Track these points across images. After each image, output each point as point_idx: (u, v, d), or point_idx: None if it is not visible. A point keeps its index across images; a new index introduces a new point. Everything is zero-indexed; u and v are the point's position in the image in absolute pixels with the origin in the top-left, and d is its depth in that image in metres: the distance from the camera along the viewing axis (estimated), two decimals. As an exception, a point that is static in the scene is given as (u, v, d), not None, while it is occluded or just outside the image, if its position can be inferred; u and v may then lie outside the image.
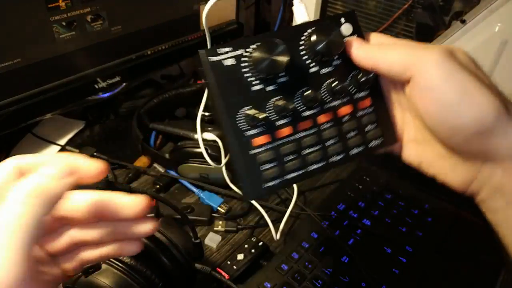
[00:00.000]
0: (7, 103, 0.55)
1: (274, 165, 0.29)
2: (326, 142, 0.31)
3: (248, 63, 0.29)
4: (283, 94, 0.29)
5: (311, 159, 0.30)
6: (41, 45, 0.55)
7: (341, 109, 0.31)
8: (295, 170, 0.30)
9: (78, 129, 0.70)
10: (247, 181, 0.29)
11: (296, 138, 0.30)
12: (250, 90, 0.29)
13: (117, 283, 0.37)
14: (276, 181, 0.29)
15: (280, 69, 0.28)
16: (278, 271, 0.47)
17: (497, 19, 0.69)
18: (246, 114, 0.28)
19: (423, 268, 0.49)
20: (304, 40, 0.30)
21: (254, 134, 0.29)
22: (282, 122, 0.30)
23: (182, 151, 0.57)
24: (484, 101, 0.27)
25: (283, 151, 0.30)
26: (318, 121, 0.31)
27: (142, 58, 0.70)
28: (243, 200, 0.36)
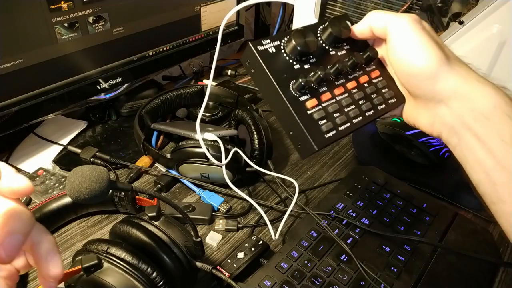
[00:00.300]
0: (10, 103, 0.56)
1: (327, 120, 0.37)
2: (359, 101, 0.40)
3: (285, 50, 0.37)
4: (317, 69, 0.37)
5: (352, 115, 0.39)
6: (44, 46, 0.56)
7: (360, 78, 0.40)
8: (343, 123, 0.38)
9: (80, 129, 0.70)
10: (311, 135, 0.36)
11: (336, 100, 0.38)
12: (293, 68, 0.37)
13: (118, 281, 0.37)
14: (332, 132, 0.37)
15: (313, 47, 0.37)
16: (278, 270, 0.48)
17: (495, 20, 0.70)
18: (299, 82, 0.36)
19: (422, 267, 0.50)
20: (320, 33, 0.40)
21: (305, 100, 0.36)
22: (322, 90, 0.38)
23: (183, 151, 0.57)
24: (433, 53, 0.35)
25: (330, 110, 0.37)
26: (348, 88, 0.39)
27: (143, 59, 0.71)
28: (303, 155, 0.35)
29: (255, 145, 0.60)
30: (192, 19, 0.75)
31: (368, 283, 0.47)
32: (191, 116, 0.74)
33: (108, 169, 0.62)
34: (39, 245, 0.27)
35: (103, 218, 0.56)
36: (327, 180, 0.65)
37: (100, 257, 0.38)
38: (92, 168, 0.32)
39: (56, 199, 0.52)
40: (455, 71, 0.36)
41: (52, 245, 0.28)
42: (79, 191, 0.31)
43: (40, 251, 0.27)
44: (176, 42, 0.75)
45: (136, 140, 0.64)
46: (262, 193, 0.62)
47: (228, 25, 0.84)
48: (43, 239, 0.28)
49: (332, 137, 0.37)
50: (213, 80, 0.87)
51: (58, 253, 0.28)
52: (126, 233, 0.42)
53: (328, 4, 0.91)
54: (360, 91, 0.40)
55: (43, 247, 0.27)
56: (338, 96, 0.39)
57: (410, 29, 0.36)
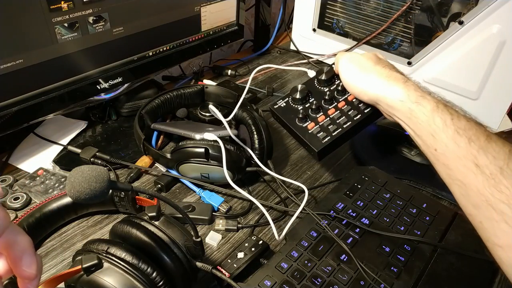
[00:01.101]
0: (10, 103, 0.56)
1: (323, 132, 0.55)
2: (348, 112, 0.56)
3: (292, 102, 0.58)
4: (316, 103, 0.57)
5: (343, 122, 0.55)
6: (44, 46, 0.56)
7: (348, 97, 0.57)
8: (335, 130, 0.55)
9: (80, 129, 0.70)
10: (313, 144, 0.54)
11: (329, 118, 0.56)
12: (298, 110, 0.57)
13: (118, 281, 0.37)
14: (327, 138, 0.54)
15: (303, 94, 0.58)
16: (278, 270, 0.48)
17: (495, 20, 0.70)
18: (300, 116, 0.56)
19: (422, 267, 0.50)
20: (317, 80, 0.60)
21: (307, 124, 0.56)
22: (320, 115, 0.57)
23: (183, 151, 0.57)
24: (361, 84, 0.52)
25: (324, 125, 0.56)
26: (339, 106, 0.57)
27: (143, 59, 0.71)
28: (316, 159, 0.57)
29: (255, 145, 0.60)
30: (192, 19, 0.75)
31: (368, 283, 0.47)
32: (191, 116, 0.74)
33: (108, 169, 0.62)
34: (14, 245, 0.27)
35: (103, 218, 0.56)
36: (327, 180, 0.65)
37: (100, 257, 0.38)
38: (92, 168, 0.32)
39: (56, 199, 0.52)
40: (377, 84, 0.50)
41: (27, 245, 0.28)
42: (79, 191, 0.31)
43: (15, 251, 0.27)
44: (176, 42, 0.75)
45: (136, 140, 0.64)
46: (262, 193, 0.62)
47: (228, 25, 0.85)
48: (18, 240, 0.27)
49: (327, 141, 0.54)
50: (213, 80, 0.88)
51: (33, 254, 0.28)
52: (126, 233, 0.42)
53: (328, 4, 0.91)
54: (347, 105, 0.57)
55: (18, 248, 0.27)
56: (331, 115, 0.56)
57: (343, 69, 0.55)
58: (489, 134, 0.41)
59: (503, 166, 0.37)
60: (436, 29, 0.77)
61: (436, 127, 0.43)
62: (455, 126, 0.42)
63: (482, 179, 0.38)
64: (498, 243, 0.36)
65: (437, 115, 0.43)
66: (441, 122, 0.43)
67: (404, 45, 0.83)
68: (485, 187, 0.37)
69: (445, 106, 0.45)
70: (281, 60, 1.00)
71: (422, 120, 0.45)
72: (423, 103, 0.45)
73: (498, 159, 0.38)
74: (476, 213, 0.39)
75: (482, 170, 0.38)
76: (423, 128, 0.44)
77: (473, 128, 0.41)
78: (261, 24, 1.02)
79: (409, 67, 0.83)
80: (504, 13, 0.68)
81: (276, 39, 1.08)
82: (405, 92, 0.47)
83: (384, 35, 0.85)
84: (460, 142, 0.40)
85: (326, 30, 0.94)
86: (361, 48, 0.89)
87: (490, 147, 0.39)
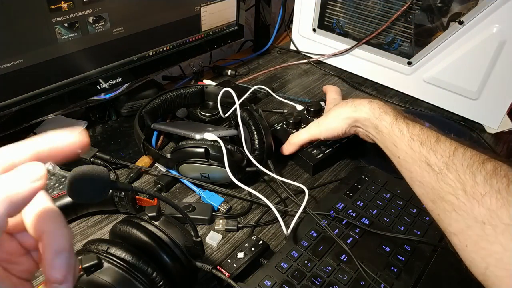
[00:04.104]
0: (10, 103, 0.56)
1: (316, 150, 0.66)
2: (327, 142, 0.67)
3: (286, 126, 0.71)
4: None
5: (330, 145, 0.68)
6: (44, 46, 0.56)
7: None
8: (327, 149, 0.67)
9: (80, 129, 0.70)
10: (309, 159, 0.65)
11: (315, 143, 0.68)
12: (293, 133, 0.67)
13: (118, 281, 0.37)
14: (321, 155, 0.65)
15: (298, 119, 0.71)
16: (278, 270, 0.48)
17: (495, 20, 0.70)
18: None
19: (422, 267, 0.50)
20: (307, 111, 0.74)
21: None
22: None
23: (183, 151, 0.57)
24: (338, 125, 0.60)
25: (318, 144, 0.67)
26: None
27: (143, 59, 0.71)
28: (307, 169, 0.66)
29: (255, 145, 0.60)
30: (192, 19, 0.75)
31: (368, 283, 0.47)
32: (191, 116, 0.74)
33: (108, 169, 0.62)
34: (49, 238, 0.25)
35: (103, 218, 0.56)
36: (327, 180, 0.65)
37: (100, 257, 0.38)
38: (92, 168, 0.32)
39: (56, 199, 0.52)
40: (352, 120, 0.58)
41: (63, 244, 0.25)
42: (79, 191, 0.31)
43: (48, 248, 0.24)
44: (176, 42, 0.75)
45: (136, 140, 0.64)
46: (262, 193, 0.62)
47: (228, 25, 0.85)
48: (57, 234, 0.25)
49: (321, 157, 0.65)
50: (213, 80, 0.88)
51: (70, 257, 0.25)
52: (126, 233, 0.42)
53: (328, 4, 0.91)
54: None
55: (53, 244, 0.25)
56: None
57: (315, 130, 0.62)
58: (439, 136, 0.45)
59: (448, 162, 0.42)
60: (436, 29, 0.77)
61: (396, 137, 0.49)
62: (410, 134, 0.48)
63: (433, 176, 0.42)
64: (452, 231, 0.40)
65: (395, 126, 0.50)
66: (399, 132, 0.49)
67: (404, 45, 0.83)
68: (437, 182, 0.42)
69: (403, 118, 0.51)
70: (281, 60, 1.00)
71: (384, 132, 0.51)
72: (385, 118, 0.52)
73: (444, 156, 0.42)
74: (434, 208, 0.43)
75: (432, 168, 0.43)
76: (386, 140, 0.51)
77: (425, 134, 0.46)
78: (261, 24, 1.02)
79: (409, 67, 0.83)
80: (504, 13, 0.68)
81: (276, 39, 1.08)
82: (370, 110, 0.54)
83: (384, 35, 0.85)
84: (414, 147, 0.46)
85: (326, 30, 0.94)
86: (361, 48, 0.89)
87: (439, 147, 0.44)
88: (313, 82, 0.92)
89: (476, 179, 0.38)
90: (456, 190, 0.39)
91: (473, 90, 0.76)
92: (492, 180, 0.37)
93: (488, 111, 0.76)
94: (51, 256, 0.24)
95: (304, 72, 0.96)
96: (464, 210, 0.38)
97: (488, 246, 0.36)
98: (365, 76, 0.93)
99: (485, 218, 0.36)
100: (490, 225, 0.36)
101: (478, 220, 0.37)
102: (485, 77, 0.73)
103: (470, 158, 0.40)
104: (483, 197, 0.37)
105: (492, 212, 0.36)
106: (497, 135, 0.77)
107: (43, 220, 0.25)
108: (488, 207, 0.36)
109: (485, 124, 0.79)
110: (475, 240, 0.37)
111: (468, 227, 0.38)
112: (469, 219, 0.37)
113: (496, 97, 0.74)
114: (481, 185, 0.38)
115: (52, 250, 0.24)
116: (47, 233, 0.25)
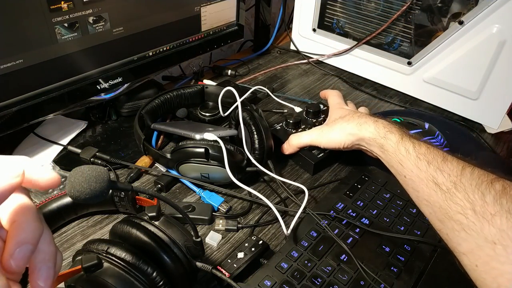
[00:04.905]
0: (10, 103, 0.56)
1: (316, 150, 0.66)
2: None
3: (286, 126, 0.71)
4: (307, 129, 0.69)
5: None
6: (44, 46, 0.56)
7: None
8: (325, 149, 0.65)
9: (80, 129, 0.70)
10: (310, 158, 0.65)
11: None
12: (293, 133, 0.67)
13: (118, 281, 0.37)
14: (321, 154, 0.65)
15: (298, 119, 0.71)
16: (278, 270, 0.48)
17: (495, 20, 0.70)
18: None
19: (422, 267, 0.50)
20: (306, 112, 0.74)
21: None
22: None
23: (183, 151, 0.57)
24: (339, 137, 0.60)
25: None
26: None
27: (143, 59, 0.71)
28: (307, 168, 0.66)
29: (255, 145, 0.60)
30: (192, 19, 0.75)
31: (368, 283, 0.47)
32: (191, 116, 0.74)
33: (108, 169, 0.62)
34: (38, 253, 0.27)
35: (103, 218, 0.56)
36: (327, 180, 0.65)
37: (100, 257, 0.38)
38: (92, 168, 0.32)
39: (56, 199, 0.52)
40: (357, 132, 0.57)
41: (49, 257, 0.27)
42: (79, 191, 0.31)
43: (36, 260, 0.27)
44: (176, 42, 0.75)
45: (136, 140, 0.64)
46: (262, 193, 0.62)
47: (228, 25, 0.85)
48: (42, 248, 0.27)
49: (321, 156, 0.65)
50: (213, 80, 0.88)
51: (52, 268, 0.27)
52: (126, 233, 0.42)
53: (328, 4, 0.91)
54: None
55: (39, 257, 0.27)
56: None
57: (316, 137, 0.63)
58: (445, 156, 0.45)
59: (456, 181, 0.41)
60: (436, 29, 0.77)
61: (402, 156, 0.49)
62: (416, 153, 0.47)
63: (441, 195, 0.42)
64: (462, 251, 0.39)
65: (401, 145, 0.50)
66: (405, 151, 0.49)
67: (404, 45, 0.83)
68: (445, 201, 0.41)
69: (409, 137, 0.51)
70: (281, 60, 1.00)
71: (390, 152, 0.51)
72: (390, 137, 0.52)
73: (452, 175, 0.42)
74: (442, 227, 0.42)
75: (440, 187, 0.42)
76: (392, 159, 0.51)
77: (432, 153, 0.46)
78: (261, 24, 1.02)
79: (409, 67, 0.83)
80: (504, 13, 0.68)
81: (276, 39, 1.08)
82: (375, 130, 0.54)
83: (384, 35, 0.85)
84: (421, 166, 0.46)
85: (326, 30, 0.94)
86: (361, 48, 0.89)
87: (446, 166, 0.43)
88: (313, 82, 0.92)
89: (486, 199, 0.38)
90: (465, 210, 0.39)
91: (473, 90, 0.76)
92: (501, 199, 0.37)
93: (488, 111, 0.76)
94: (13, 247, 0.25)
95: (304, 72, 0.96)
96: (474, 230, 0.38)
97: (499, 266, 0.35)
98: (365, 76, 0.93)
99: (495, 238, 0.36)
100: (501, 245, 0.35)
101: (488, 240, 0.36)
102: (485, 77, 0.73)
103: (478, 178, 0.40)
104: (493, 217, 0.36)
105: (503, 232, 0.36)
106: (497, 135, 0.77)
107: (15, 212, 0.27)
108: (498, 227, 0.36)
109: (485, 124, 0.79)
110: (485, 260, 0.37)
111: (478, 247, 0.37)
112: (479, 239, 0.37)
113: (496, 97, 0.74)
114: (490, 204, 0.37)
115: (15, 240, 0.26)
116: (15, 224, 0.26)
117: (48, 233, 0.28)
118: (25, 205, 0.27)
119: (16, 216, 0.27)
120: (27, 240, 0.26)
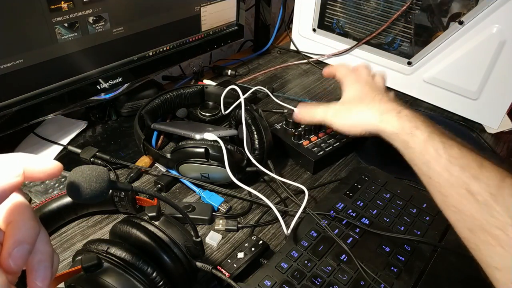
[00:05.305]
0: (10, 103, 0.56)
1: (317, 148, 0.66)
2: (336, 136, 0.69)
3: (286, 126, 0.71)
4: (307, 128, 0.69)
5: (333, 142, 0.68)
6: (44, 46, 0.56)
7: (327, 130, 0.71)
8: (328, 147, 0.67)
9: (80, 129, 0.70)
10: (310, 156, 0.65)
11: (321, 138, 0.69)
12: (294, 132, 0.68)
13: (118, 281, 0.37)
14: (321, 152, 0.65)
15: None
16: (278, 270, 0.48)
17: (495, 20, 0.70)
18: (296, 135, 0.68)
19: (422, 267, 0.50)
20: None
21: (302, 142, 0.67)
22: (312, 136, 0.69)
23: (183, 151, 0.57)
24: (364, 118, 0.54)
25: (318, 143, 0.67)
26: (327, 132, 0.70)
27: (143, 59, 0.71)
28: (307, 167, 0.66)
29: (255, 145, 0.60)
30: (192, 19, 0.75)
31: (368, 283, 0.47)
32: (191, 116, 0.74)
33: (108, 169, 0.62)
34: (35, 253, 0.27)
35: (103, 218, 0.56)
36: (327, 180, 0.65)
37: (100, 257, 0.38)
38: (92, 168, 0.32)
39: (56, 199, 0.52)
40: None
41: (46, 257, 0.27)
42: (79, 191, 0.31)
43: (33, 260, 0.27)
44: (176, 42, 0.75)
45: (136, 140, 0.64)
46: (262, 193, 0.62)
47: (228, 25, 0.85)
48: (40, 249, 0.27)
49: (322, 154, 0.65)
50: (213, 80, 0.88)
51: (50, 268, 0.27)
52: (126, 233, 0.42)
53: (328, 4, 0.91)
54: (326, 135, 0.69)
55: (36, 258, 0.27)
56: (321, 137, 0.69)
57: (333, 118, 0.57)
58: (481, 161, 0.41)
59: (496, 193, 0.38)
60: (436, 29, 0.77)
61: (430, 157, 0.44)
62: (447, 155, 0.43)
63: (476, 206, 0.38)
64: (495, 265, 0.37)
65: (430, 145, 0.45)
66: (434, 152, 0.44)
67: (404, 45, 0.83)
68: (479, 213, 0.38)
69: (438, 135, 0.45)
70: (281, 60, 1.00)
71: (416, 150, 0.46)
72: (417, 134, 0.47)
73: (490, 186, 0.38)
74: (472, 237, 0.39)
75: (475, 197, 0.39)
76: (417, 158, 0.46)
77: (466, 157, 0.42)
78: (261, 24, 1.02)
79: (409, 67, 0.83)
80: (504, 13, 0.68)
81: (276, 39, 1.08)
82: (399, 124, 0.49)
83: (384, 35, 0.85)
84: (453, 171, 0.41)
85: (326, 30, 0.94)
86: (361, 48, 0.89)
87: (482, 175, 0.40)
88: (313, 82, 0.92)
89: None
90: (506, 226, 0.36)
91: (473, 90, 0.76)
92: None
93: (488, 111, 0.76)
94: (11, 246, 0.25)
95: (304, 72, 0.96)
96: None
97: None
98: (365, 76, 0.93)
99: None
100: None
101: None
102: (485, 77, 0.73)
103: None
104: None
105: None
106: (497, 135, 0.77)
107: (11, 212, 0.27)
108: None
109: (485, 124, 0.79)
110: None
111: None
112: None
113: (496, 97, 0.74)
114: None
115: (13, 239, 0.26)
116: (12, 223, 0.26)
117: (44, 233, 0.28)
118: (21, 205, 0.27)
119: (12, 216, 0.27)
120: (25, 239, 0.26)
